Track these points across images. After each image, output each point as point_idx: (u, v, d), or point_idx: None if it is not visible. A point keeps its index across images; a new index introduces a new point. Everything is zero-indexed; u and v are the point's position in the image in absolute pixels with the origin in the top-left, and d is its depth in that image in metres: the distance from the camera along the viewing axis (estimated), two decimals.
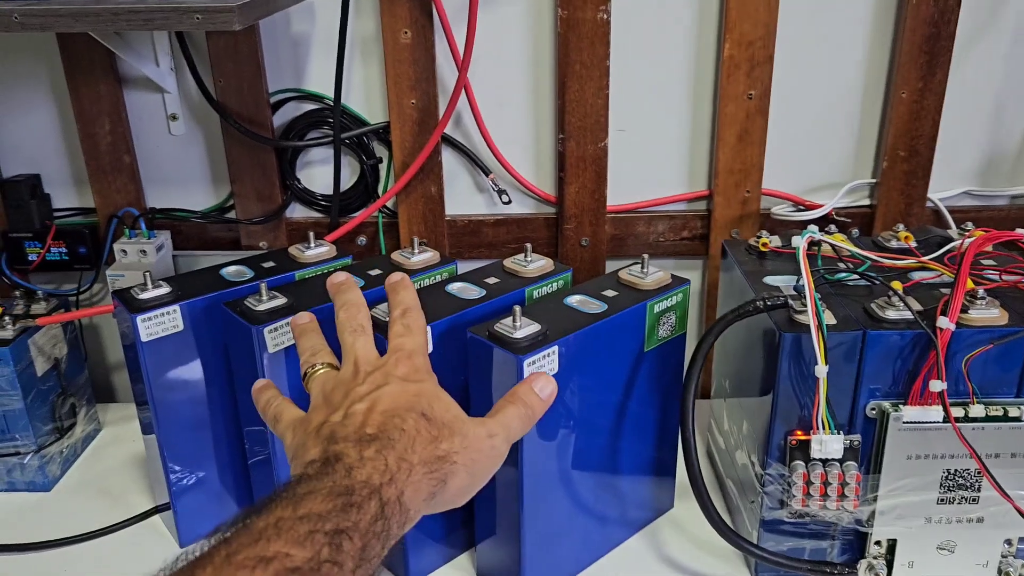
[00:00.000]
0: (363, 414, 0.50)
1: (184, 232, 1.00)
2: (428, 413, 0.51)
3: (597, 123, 0.92)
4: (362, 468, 0.46)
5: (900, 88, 0.90)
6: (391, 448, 0.47)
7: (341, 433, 0.49)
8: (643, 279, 0.75)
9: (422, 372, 0.55)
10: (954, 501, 0.70)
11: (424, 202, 0.96)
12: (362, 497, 0.44)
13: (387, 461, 0.47)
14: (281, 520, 0.41)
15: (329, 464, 0.46)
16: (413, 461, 0.48)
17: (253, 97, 0.92)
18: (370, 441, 0.47)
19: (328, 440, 0.48)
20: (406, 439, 0.48)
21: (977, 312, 0.67)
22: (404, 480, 0.47)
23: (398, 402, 0.51)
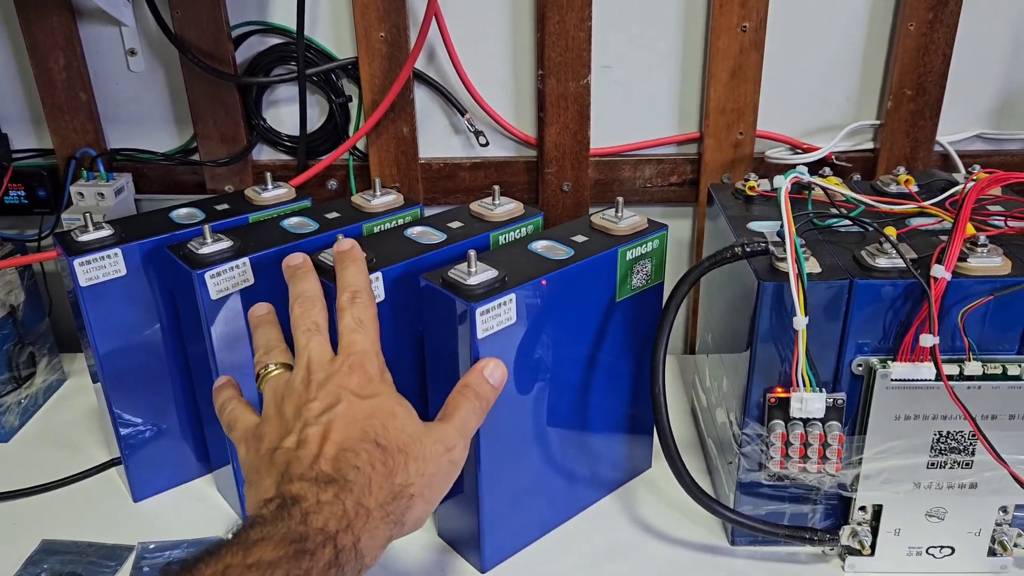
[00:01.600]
0: (318, 443, 0.49)
1: (147, 175, 0.95)
2: (382, 440, 0.50)
3: (579, 58, 0.86)
4: (319, 513, 0.45)
5: (908, 19, 0.83)
6: (348, 492, 0.46)
7: (297, 469, 0.47)
8: (616, 224, 0.70)
9: (375, 382, 0.53)
10: (945, 465, 0.65)
11: (396, 143, 0.91)
12: (316, 544, 0.43)
13: (345, 506, 0.46)
14: (229, 568, 0.40)
15: (285, 507, 0.45)
16: (370, 506, 0.47)
17: (213, 30, 0.87)
18: (327, 483, 0.46)
19: (283, 475, 0.48)
20: (362, 480, 0.47)
21: (977, 260, 0.61)
22: (361, 527, 0.46)
23: (351, 429, 0.50)
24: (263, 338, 0.59)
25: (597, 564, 0.70)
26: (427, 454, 0.51)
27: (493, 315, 0.60)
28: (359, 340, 0.54)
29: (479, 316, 0.59)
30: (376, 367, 0.54)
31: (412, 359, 0.68)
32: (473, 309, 0.59)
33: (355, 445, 0.49)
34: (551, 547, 0.72)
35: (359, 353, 0.53)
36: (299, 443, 0.49)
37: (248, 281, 0.67)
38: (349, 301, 0.56)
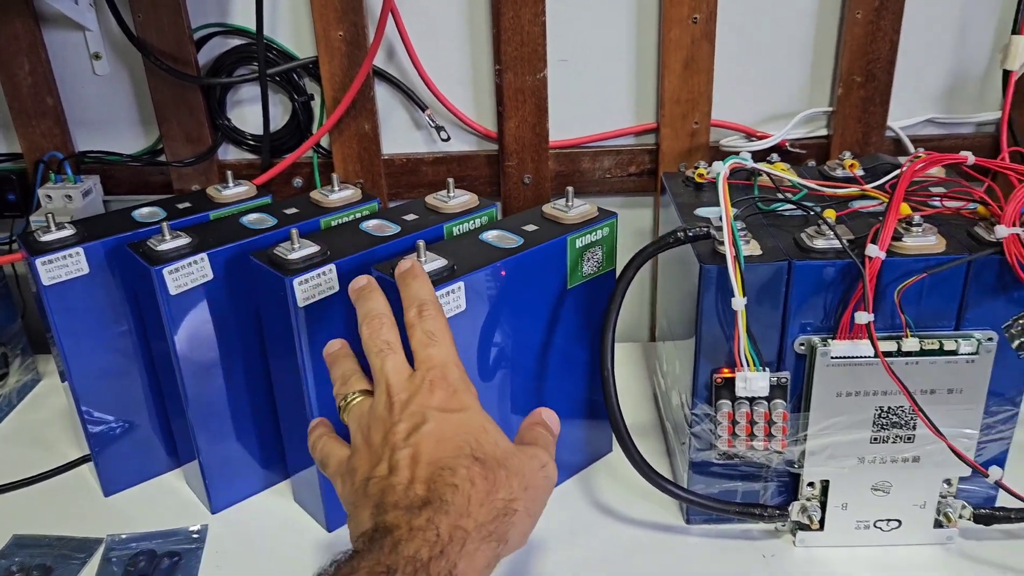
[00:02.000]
0: (408, 466, 0.47)
1: (115, 176, 0.97)
2: (478, 453, 0.47)
3: (535, 52, 0.88)
4: (410, 541, 0.43)
5: (855, 7, 0.85)
6: (444, 513, 0.44)
7: (391, 498, 0.45)
8: (566, 212, 0.71)
9: (460, 394, 0.51)
10: (888, 440, 0.66)
11: (358, 140, 0.92)
12: (405, 574, 0.41)
13: (439, 530, 0.43)
14: None
15: (376, 539, 0.43)
16: (468, 528, 0.44)
17: (174, 32, 0.88)
18: (421, 507, 0.44)
19: (378, 506, 0.46)
20: (460, 499, 0.45)
21: (912, 240, 0.63)
22: (457, 552, 0.43)
23: (443, 447, 0.47)
24: (339, 371, 0.57)
25: (555, 546, 0.72)
26: (525, 469, 0.49)
27: (443, 302, 0.62)
28: (435, 353, 0.52)
29: None
30: (458, 378, 0.52)
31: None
32: None
33: (451, 462, 0.46)
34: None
35: (438, 367, 0.51)
36: (391, 470, 0.47)
37: (207, 276, 0.69)
38: (417, 316, 0.53)
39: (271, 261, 0.66)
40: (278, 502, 0.79)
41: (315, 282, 0.65)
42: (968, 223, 0.66)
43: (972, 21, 0.88)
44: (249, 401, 0.76)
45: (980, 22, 0.88)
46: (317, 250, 0.66)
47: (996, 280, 0.63)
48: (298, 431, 0.72)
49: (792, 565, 0.69)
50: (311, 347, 0.66)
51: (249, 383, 0.75)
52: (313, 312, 0.66)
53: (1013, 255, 0.61)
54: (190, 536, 0.74)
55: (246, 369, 0.74)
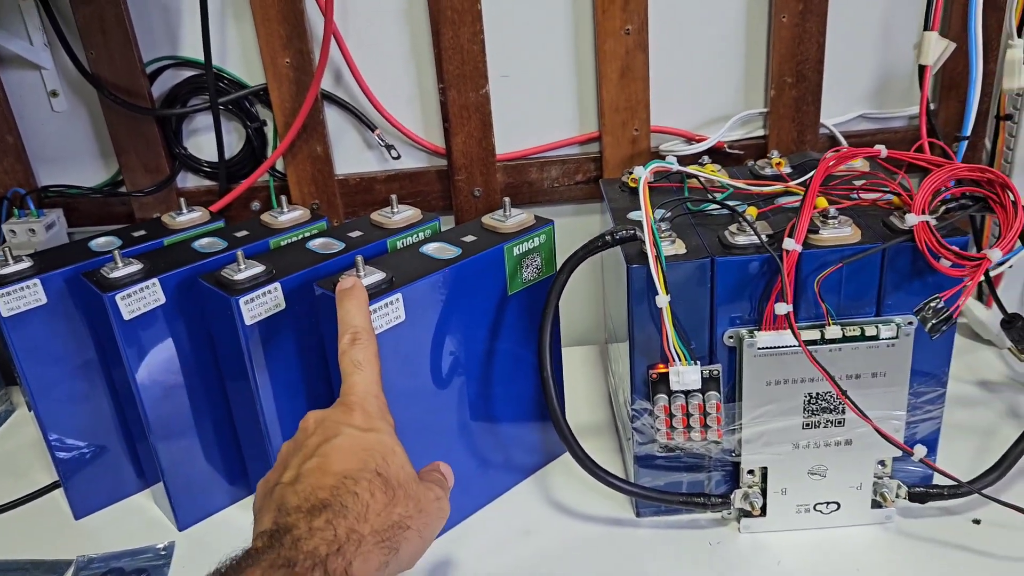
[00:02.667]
0: (315, 475, 0.49)
1: (79, 209, 0.99)
2: (382, 471, 0.50)
3: (476, 70, 0.91)
4: (310, 539, 0.45)
5: (780, 11, 0.88)
6: (342, 517, 0.46)
7: (292, 502, 0.47)
8: (503, 222, 0.74)
9: (375, 419, 0.53)
10: (819, 425, 0.69)
11: (311, 162, 0.95)
12: (305, 568, 0.43)
13: (336, 532, 0.45)
14: None
15: (277, 537, 0.45)
16: (364, 532, 0.47)
17: (126, 67, 0.91)
18: (321, 510, 0.46)
19: (279, 509, 0.48)
20: (359, 506, 0.47)
21: (828, 232, 0.66)
22: (353, 551, 0.46)
23: (350, 460, 0.50)
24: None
25: (510, 543, 0.74)
26: (422, 497, 0.52)
27: (381, 314, 0.64)
28: (359, 380, 0.55)
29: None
30: (376, 407, 0.54)
31: (317, 364, 0.72)
32: None
33: (355, 473, 0.49)
34: (465, 531, 0.76)
35: (359, 394, 0.54)
36: (297, 477, 0.49)
37: (159, 300, 0.72)
38: (349, 343, 0.56)
39: (218, 282, 0.68)
40: (245, 516, 0.81)
41: (261, 300, 0.68)
42: (885, 213, 0.69)
43: (895, 20, 0.91)
44: (211, 419, 0.78)
45: (903, 20, 0.91)
46: (263, 270, 0.69)
47: (910, 266, 0.66)
48: (257, 447, 0.74)
49: (737, 551, 0.72)
50: (260, 364, 0.69)
51: (210, 402, 0.78)
52: (262, 330, 0.68)
53: (923, 242, 0.63)
54: (157, 553, 0.76)
55: (205, 389, 0.77)
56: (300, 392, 0.73)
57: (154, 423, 0.75)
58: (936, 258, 0.63)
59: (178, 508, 0.79)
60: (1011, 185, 0.64)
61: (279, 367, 0.71)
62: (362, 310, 0.58)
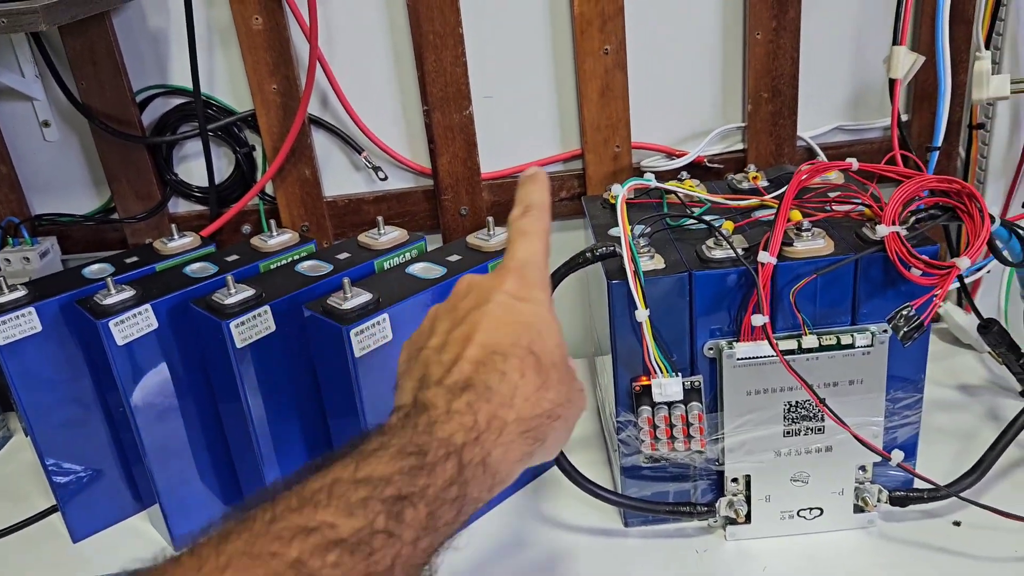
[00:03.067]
0: (460, 343, 0.44)
1: (73, 236, 1.01)
2: (536, 347, 0.44)
3: (459, 91, 0.93)
4: (446, 423, 0.41)
5: (754, 29, 0.90)
6: (485, 400, 0.42)
7: (435, 373, 0.43)
8: (487, 241, 0.76)
9: (534, 288, 0.47)
10: (800, 432, 0.71)
11: (300, 185, 0.97)
12: (437, 458, 0.39)
13: (477, 417, 0.41)
14: (337, 482, 0.37)
15: (411, 416, 0.41)
16: (508, 419, 0.42)
17: (117, 96, 0.93)
18: (463, 389, 0.42)
19: (421, 379, 0.44)
20: (506, 387, 0.42)
21: (802, 244, 0.67)
22: (493, 440, 0.41)
23: (501, 331, 0.44)
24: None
25: (502, 555, 0.76)
26: (572, 382, 0.46)
27: (368, 334, 0.66)
28: (521, 247, 0.49)
29: (353, 337, 0.65)
30: (536, 276, 0.48)
31: (308, 385, 0.74)
32: (347, 331, 0.65)
33: (505, 348, 0.44)
34: (457, 543, 0.77)
35: (518, 260, 0.48)
36: (443, 345, 0.45)
37: (152, 326, 0.73)
38: (520, 214, 0.51)
39: (209, 307, 0.70)
40: None
41: (251, 324, 0.69)
42: (858, 225, 0.71)
43: (867, 34, 0.93)
44: (205, 441, 0.80)
45: (875, 35, 0.93)
46: (252, 293, 0.71)
47: (883, 276, 0.67)
48: (250, 467, 0.76)
49: (724, 558, 0.73)
50: (252, 386, 0.70)
51: (203, 424, 0.79)
52: (253, 352, 0.70)
53: (894, 251, 0.65)
54: None
55: (199, 411, 0.78)
56: (292, 413, 0.74)
57: (149, 446, 0.76)
58: (907, 267, 0.65)
59: (174, 528, 0.80)
60: (977, 195, 0.66)
61: (270, 389, 0.72)
62: (542, 191, 0.52)
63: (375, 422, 0.68)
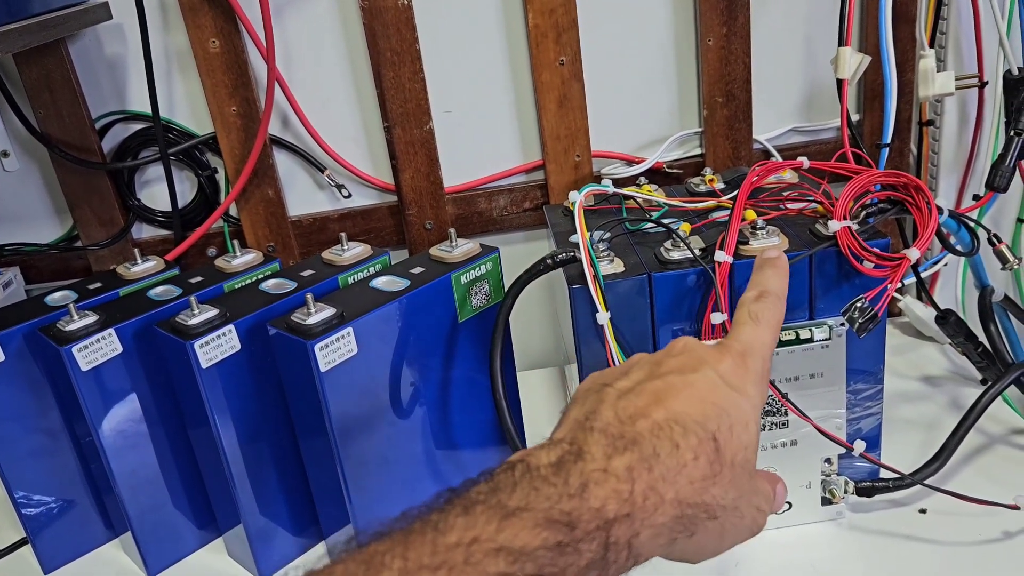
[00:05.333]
0: (647, 397, 0.41)
1: (36, 265, 1.01)
2: (721, 437, 0.40)
3: (419, 107, 0.94)
4: (600, 486, 0.37)
5: (706, 35, 0.92)
6: (647, 468, 0.38)
7: (605, 416, 0.40)
8: (450, 252, 0.77)
9: (749, 379, 0.44)
10: (765, 427, 0.72)
11: (264, 206, 0.97)
12: (585, 533, 0.35)
13: (633, 487, 0.37)
14: (476, 543, 0.34)
15: (564, 464, 0.37)
16: (665, 496, 0.38)
17: (76, 123, 0.93)
18: (626, 447, 0.38)
19: (587, 417, 0.40)
20: (673, 464, 0.39)
21: (757, 242, 0.69)
22: (644, 520, 0.37)
23: (692, 406, 0.41)
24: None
25: None
26: (747, 494, 0.42)
27: (333, 348, 0.66)
28: (748, 332, 0.46)
29: (318, 351, 0.65)
30: (757, 368, 0.44)
31: (276, 404, 0.74)
32: (312, 346, 0.65)
33: (689, 423, 0.40)
34: None
35: (743, 343, 0.45)
36: (629, 391, 0.42)
37: (116, 350, 0.73)
38: (754, 298, 0.48)
39: (173, 328, 0.70)
40: (214, 558, 0.82)
41: (216, 343, 0.69)
42: (811, 222, 0.72)
43: (816, 36, 0.96)
44: (176, 465, 0.79)
45: (823, 36, 0.95)
46: (216, 313, 0.71)
47: (837, 270, 0.69)
48: (222, 489, 0.75)
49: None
50: (221, 407, 0.70)
51: (173, 448, 0.79)
52: (219, 372, 0.70)
53: (846, 246, 0.67)
54: None
55: (168, 435, 0.78)
56: (262, 432, 0.74)
57: (118, 473, 0.76)
58: (859, 260, 0.67)
59: (147, 555, 0.79)
60: (924, 188, 0.67)
61: (239, 410, 0.72)
62: (781, 278, 0.50)
63: (344, 438, 0.69)
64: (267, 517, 0.77)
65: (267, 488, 0.76)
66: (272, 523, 0.78)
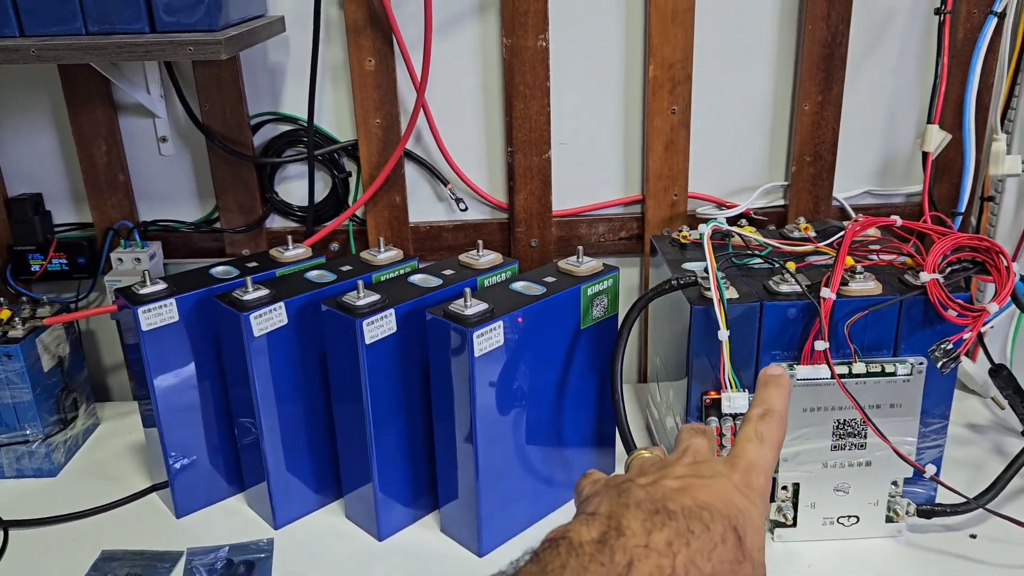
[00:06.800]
0: (672, 489, 0.42)
1: (173, 242, 1.11)
2: (740, 531, 0.41)
3: (541, 137, 1.05)
4: (644, 562, 0.37)
5: (803, 102, 1.04)
6: (684, 544, 0.39)
7: (637, 495, 0.41)
8: (578, 267, 0.87)
9: (754, 493, 0.45)
10: (845, 447, 0.82)
11: (390, 210, 1.08)
12: None
13: (675, 561, 0.38)
14: None
15: (607, 542, 0.38)
16: (704, 570, 0.38)
17: (235, 119, 1.03)
18: (664, 522, 0.39)
19: (618, 496, 0.42)
20: (705, 541, 0.39)
21: (856, 285, 0.79)
22: None
23: (714, 499, 0.42)
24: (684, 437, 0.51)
25: None
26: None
27: (486, 338, 0.76)
28: (753, 451, 0.47)
29: (475, 339, 0.75)
30: (760, 484, 0.46)
31: (419, 385, 0.84)
32: (471, 333, 0.75)
33: (715, 512, 0.41)
34: (537, 535, 0.87)
35: (749, 459, 0.47)
36: (652, 483, 0.43)
37: (283, 321, 0.83)
38: (759, 416, 0.49)
39: (340, 306, 0.80)
40: (331, 519, 0.91)
41: (379, 324, 0.79)
42: (899, 272, 0.83)
43: (899, 112, 1.07)
44: (315, 431, 0.89)
45: (905, 112, 1.07)
46: (379, 298, 0.81)
47: (922, 316, 0.79)
48: (355, 453, 0.85)
49: (772, 558, 0.81)
50: (372, 383, 0.80)
51: (315, 416, 0.88)
52: (377, 350, 0.80)
53: (934, 295, 0.77)
54: (260, 547, 0.86)
55: (312, 404, 0.88)
56: (408, 412, 0.84)
57: (267, 430, 0.85)
58: (945, 308, 0.77)
59: (277, 508, 0.88)
60: (1004, 252, 0.78)
61: (396, 386, 0.82)
62: (783, 397, 0.51)
63: (484, 422, 0.78)
64: (389, 483, 0.86)
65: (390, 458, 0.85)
66: (388, 495, 0.87)
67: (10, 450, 0.97)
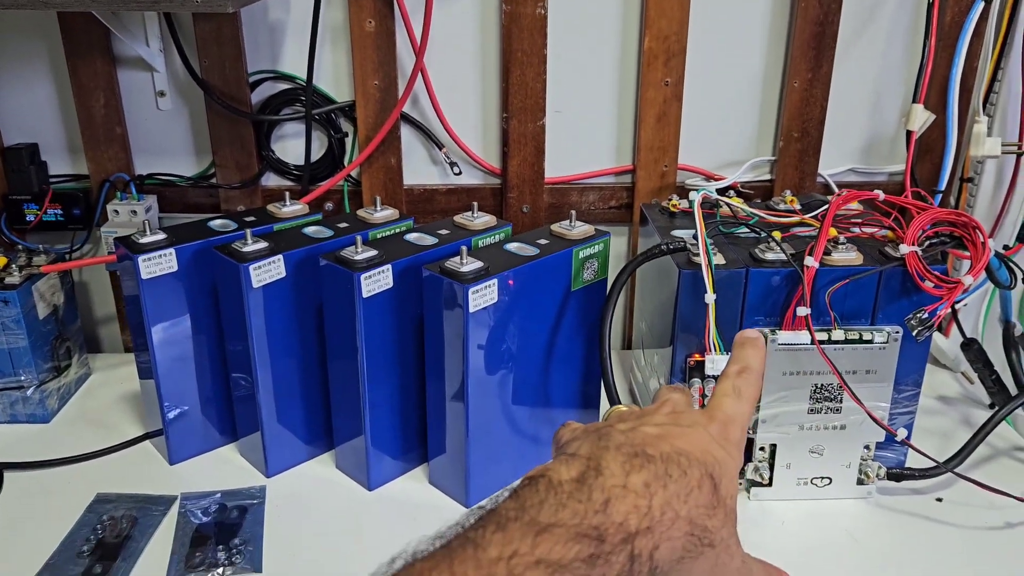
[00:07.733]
0: (651, 435, 0.44)
1: (168, 197, 1.12)
2: (716, 478, 0.43)
3: (536, 104, 1.06)
4: (622, 500, 0.39)
5: (793, 78, 1.06)
6: (662, 485, 0.40)
7: (617, 439, 0.43)
8: (570, 231, 0.89)
9: (731, 445, 0.46)
10: (821, 411, 0.85)
11: (385, 172, 1.09)
12: (613, 545, 0.38)
13: (652, 502, 0.40)
14: (516, 556, 0.36)
15: (585, 481, 0.39)
16: (680, 512, 0.40)
17: (234, 76, 1.04)
18: (642, 465, 0.41)
19: (598, 439, 0.43)
20: (682, 485, 0.41)
21: (838, 255, 0.83)
22: (664, 532, 0.39)
23: (692, 447, 0.44)
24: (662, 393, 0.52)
25: None
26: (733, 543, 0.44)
27: (481, 295, 0.79)
28: (729, 404, 0.49)
29: (471, 295, 0.78)
30: (737, 437, 0.47)
31: (413, 341, 0.86)
32: (467, 289, 0.77)
33: (692, 459, 0.43)
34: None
35: (726, 413, 0.48)
36: (631, 429, 0.45)
37: (281, 274, 0.85)
38: (737, 372, 0.51)
39: (339, 260, 0.82)
40: (323, 468, 0.93)
41: (375, 279, 0.81)
42: (879, 244, 0.86)
43: (884, 92, 1.10)
44: (307, 383, 0.91)
45: (891, 94, 1.10)
46: (376, 253, 0.83)
47: (900, 286, 0.83)
48: (348, 406, 0.87)
49: (747, 515, 0.85)
50: (367, 336, 0.82)
51: (309, 368, 0.90)
52: (373, 305, 0.82)
53: (912, 267, 0.81)
54: (252, 494, 0.88)
55: (307, 356, 0.90)
56: (401, 367, 0.86)
57: (262, 381, 0.87)
58: (922, 280, 0.80)
59: (270, 456, 0.91)
60: (981, 227, 0.82)
61: (390, 341, 0.84)
62: (759, 357, 0.52)
63: (476, 379, 0.81)
64: (380, 436, 0.89)
65: (382, 411, 0.88)
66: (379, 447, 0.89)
67: (5, 395, 0.98)
